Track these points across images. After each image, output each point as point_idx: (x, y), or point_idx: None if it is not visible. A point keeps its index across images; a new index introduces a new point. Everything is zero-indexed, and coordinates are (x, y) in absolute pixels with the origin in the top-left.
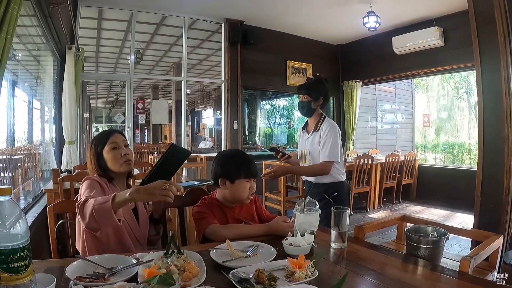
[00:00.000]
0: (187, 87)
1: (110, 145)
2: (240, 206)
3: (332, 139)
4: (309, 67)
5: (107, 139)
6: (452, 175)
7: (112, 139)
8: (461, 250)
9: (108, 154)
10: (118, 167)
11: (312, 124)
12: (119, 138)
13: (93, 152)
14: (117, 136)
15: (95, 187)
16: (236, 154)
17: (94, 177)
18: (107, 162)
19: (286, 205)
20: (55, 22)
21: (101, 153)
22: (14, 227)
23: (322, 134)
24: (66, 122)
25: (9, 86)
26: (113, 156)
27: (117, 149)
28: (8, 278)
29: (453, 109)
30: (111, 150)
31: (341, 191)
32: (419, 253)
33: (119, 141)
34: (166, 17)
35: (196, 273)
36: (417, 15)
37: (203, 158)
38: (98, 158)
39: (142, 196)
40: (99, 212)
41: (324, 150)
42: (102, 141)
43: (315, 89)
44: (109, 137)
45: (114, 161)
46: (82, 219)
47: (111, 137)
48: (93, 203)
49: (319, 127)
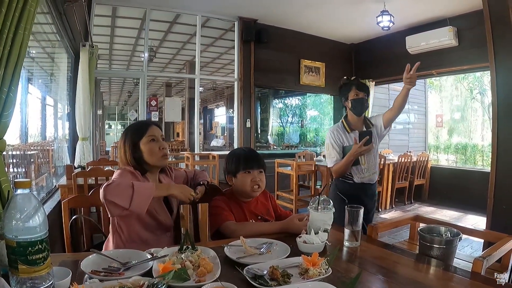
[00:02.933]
0: (200, 85)
1: (148, 137)
2: (255, 201)
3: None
4: (322, 66)
5: (145, 130)
6: (465, 176)
7: (150, 131)
8: (473, 252)
9: (146, 146)
10: (155, 161)
11: (359, 123)
12: (157, 130)
13: (129, 143)
14: (155, 128)
15: (127, 176)
16: (238, 150)
17: (128, 168)
18: (144, 154)
19: (298, 204)
20: (70, 19)
21: (138, 144)
22: (33, 220)
23: (380, 127)
24: (80, 118)
25: (23, 83)
26: (151, 149)
27: (156, 141)
28: (26, 270)
29: (467, 110)
30: (149, 142)
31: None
32: (432, 253)
33: (157, 134)
34: (180, 15)
35: (210, 269)
36: (431, 14)
37: (216, 156)
38: (134, 149)
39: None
40: (140, 190)
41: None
42: (140, 132)
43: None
44: (147, 129)
45: (152, 154)
46: (110, 195)
47: (150, 129)
48: (132, 183)
49: (371, 123)
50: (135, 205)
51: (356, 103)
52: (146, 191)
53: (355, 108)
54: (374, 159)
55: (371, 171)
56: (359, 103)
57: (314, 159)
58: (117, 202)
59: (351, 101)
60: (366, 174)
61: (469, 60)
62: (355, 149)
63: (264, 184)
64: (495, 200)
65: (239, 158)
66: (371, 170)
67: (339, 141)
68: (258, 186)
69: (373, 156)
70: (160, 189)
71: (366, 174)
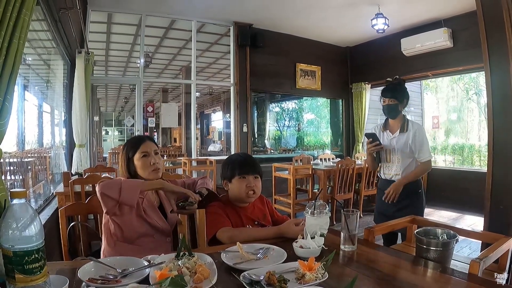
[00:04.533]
0: (196, 90)
1: (141, 153)
2: (252, 206)
3: (426, 138)
4: (318, 69)
5: (138, 146)
6: (462, 177)
7: (143, 147)
8: (471, 253)
9: (139, 161)
10: (146, 175)
11: (395, 124)
12: (150, 146)
13: (124, 157)
14: (148, 143)
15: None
16: (234, 156)
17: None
18: (137, 169)
19: (295, 208)
20: (65, 26)
21: (132, 158)
22: (29, 229)
23: (415, 134)
24: (76, 125)
25: (19, 90)
26: (143, 164)
27: (147, 157)
28: (23, 280)
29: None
30: (141, 157)
31: (422, 187)
32: (429, 255)
33: (149, 149)
34: (175, 20)
35: (207, 275)
36: (425, 16)
37: (213, 161)
38: (128, 163)
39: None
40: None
41: (424, 149)
42: (134, 147)
43: (400, 92)
44: (140, 144)
45: (144, 169)
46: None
47: (142, 144)
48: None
49: (407, 128)
50: (124, 196)
51: (384, 109)
52: (134, 183)
53: (384, 112)
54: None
55: (396, 170)
56: (385, 109)
57: (311, 162)
58: (109, 194)
59: (382, 106)
60: (391, 172)
61: (464, 61)
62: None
63: (259, 190)
64: (492, 201)
65: (234, 163)
66: (396, 169)
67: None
68: (253, 192)
69: (397, 157)
70: (149, 183)
71: (391, 171)
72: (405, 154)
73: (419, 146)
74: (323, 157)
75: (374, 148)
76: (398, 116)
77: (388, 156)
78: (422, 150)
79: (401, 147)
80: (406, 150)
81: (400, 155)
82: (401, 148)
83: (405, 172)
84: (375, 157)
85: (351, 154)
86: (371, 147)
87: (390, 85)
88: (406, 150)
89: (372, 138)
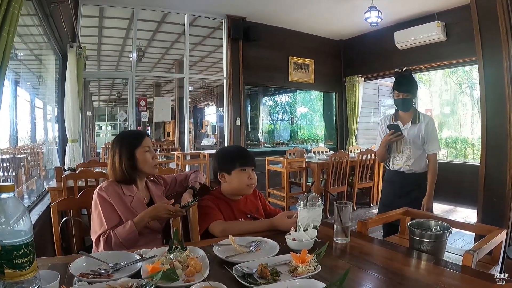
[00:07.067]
0: (189, 84)
1: (144, 147)
2: (245, 199)
3: (436, 130)
4: (311, 62)
5: (141, 140)
6: (455, 170)
7: (145, 141)
8: (465, 245)
9: (142, 155)
10: (149, 169)
11: (407, 116)
12: (150, 141)
13: (125, 151)
14: (148, 139)
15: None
16: (230, 148)
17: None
18: (139, 163)
19: (289, 201)
20: (57, 21)
21: (134, 152)
22: (18, 223)
23: (427, 125)
24: (69, 120)
25: (11, 86)
26: (146, 159)
27: (149, 152)
28: (12, 274)
29: (456, 104)
30: (144, 152)
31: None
32: (422, 247)
33: (150, 145)
34: (167, 14)
35: (199, 269)
36: (419, 9)
37: (206, 155)
38: (130, 156)
39: (153, 217)
40: (128, 241)
41: (435, 141)
42: (136, 142)
43: (414, 86)
44: (142, 140)
45: (146, 163)
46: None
47: (144, 140)
48: (119, 238)
49: (419, 119)
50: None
51: (397, 102)
52: (130, 233)
53: (397, 106)
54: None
55: (406, 161)
56: (399, 102)
57: (305, 156)
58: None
59: (394, 99)
60: (400, 163)
61: (457, 55)
62: (384, 138)
63: (256, 181)
64: (486, 193)
65: (233, 155)
66: (406, 159)
67: (384, 129)
68: (252, 183)
69: (408, 147)
70: (139, 225)
71: (400, 162)
72: (416, 145)
73: (431, 138)
74: (316, 151)
75: (396, 138)
76: (411, 108)
77: (398, 147)
78: (433, 142)
79: (413, 137)
80: (418, 141)
81: (412, 145)
82: (413, 139)
83: (416, 163)
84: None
85: (344, 147)
86: (393, 138)
87: (403, 79)
88: (418, 141)
89: (394, 129)
